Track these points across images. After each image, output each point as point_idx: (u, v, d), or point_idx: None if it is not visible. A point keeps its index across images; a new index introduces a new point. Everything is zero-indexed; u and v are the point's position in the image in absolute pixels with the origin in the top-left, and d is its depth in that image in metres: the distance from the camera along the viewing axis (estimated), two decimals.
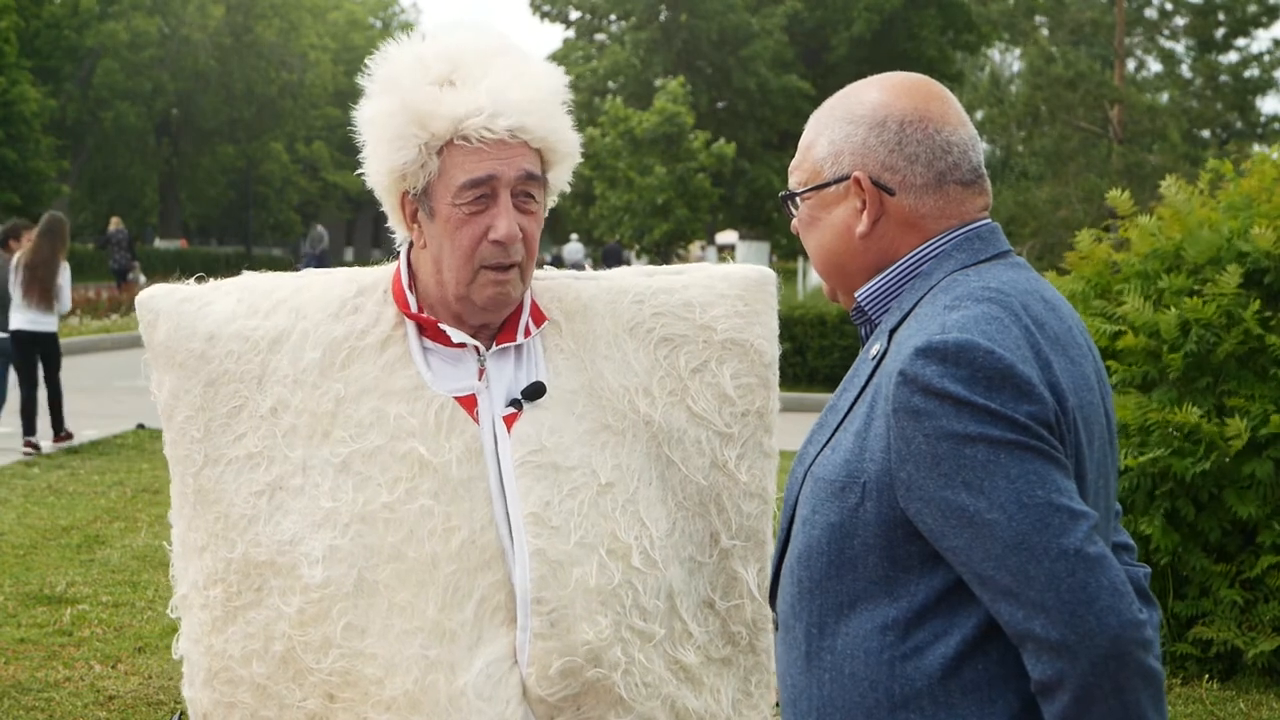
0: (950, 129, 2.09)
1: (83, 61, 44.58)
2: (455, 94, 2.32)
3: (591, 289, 2.52)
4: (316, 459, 2.36)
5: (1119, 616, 1.84)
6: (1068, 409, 1.94)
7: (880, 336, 2.06)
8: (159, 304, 2.47)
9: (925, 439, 1.90)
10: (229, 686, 2.39)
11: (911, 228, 2.08)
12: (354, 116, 2.43)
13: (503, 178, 2.32)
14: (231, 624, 2.39)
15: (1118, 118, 29.75)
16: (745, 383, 2.52)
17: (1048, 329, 1.99)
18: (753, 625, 2.53)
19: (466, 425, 2.36)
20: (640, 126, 25.92)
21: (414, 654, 2.30)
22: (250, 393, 2.40)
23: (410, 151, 2.32)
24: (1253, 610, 6.23)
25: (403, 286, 2.42)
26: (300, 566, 2.34)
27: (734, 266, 2.61)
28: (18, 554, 8.34)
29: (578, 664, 2.32)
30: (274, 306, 2.44)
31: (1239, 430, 5.99)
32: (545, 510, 2.34)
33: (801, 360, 19.15)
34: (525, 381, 2.41)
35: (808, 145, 2.15)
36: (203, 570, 2.41)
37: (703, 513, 2.49)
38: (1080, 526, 1.86)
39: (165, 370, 2.45)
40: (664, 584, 2.41)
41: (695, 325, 2.51)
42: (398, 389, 2.37)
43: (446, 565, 2.31)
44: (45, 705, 5.81)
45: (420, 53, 2.39)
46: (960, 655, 1.94)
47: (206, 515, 2.41)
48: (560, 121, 2.39)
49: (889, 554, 1.96)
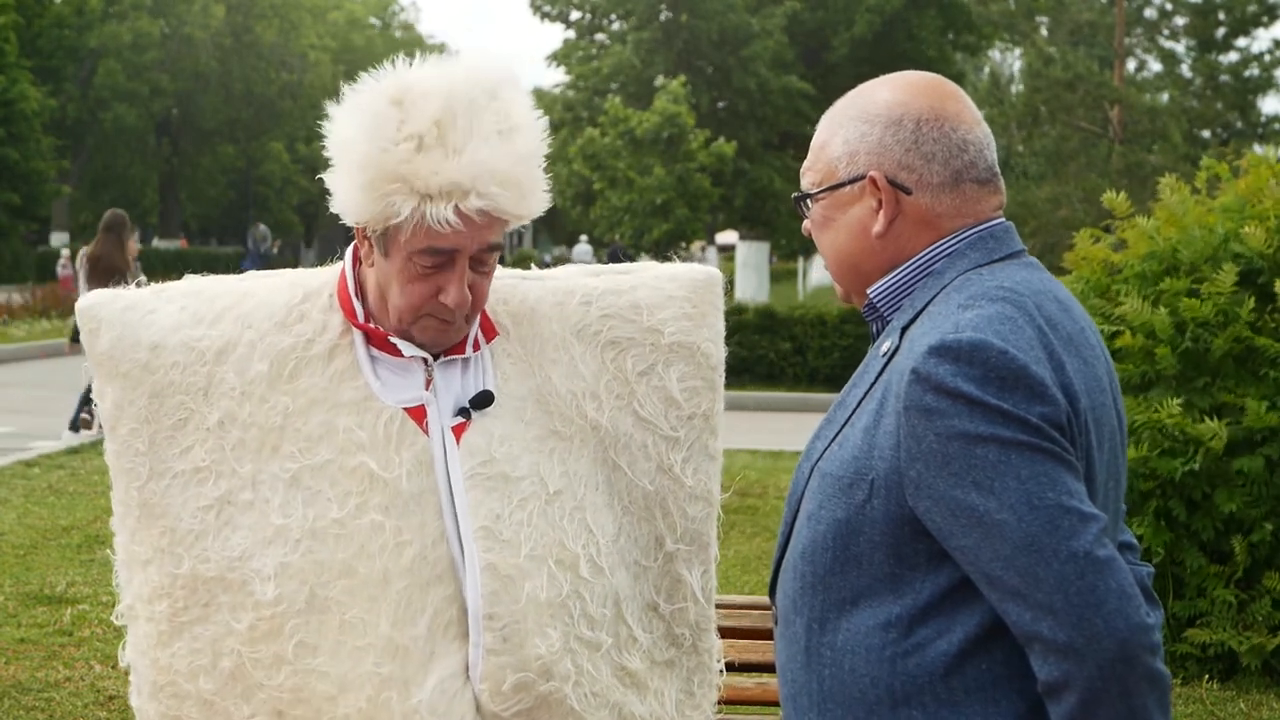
0: (966, 128, 2.08)
1: (84, 62, 44.57)
2: (431, 160, 2.22)
3: (538, 290, 2.48)
4: (266, 474, 2.32)
5: (1127, 620, 1.84)
6: (1080, 410, 1.94)
7: (892, 333, 2.06)
8: (101, 312, 2.40)
9: (936, 438, 1.89)
10: (175, 700, 2.36)
11: (927, 227, 2.07)
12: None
13: (464, 250, 2.27)
14: (178, 639, 2.35)
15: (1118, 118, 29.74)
16: (691, 386, 2.50)
17: (1061, 329, 1.99)
18: (696, 627, 2.52)
19: (416, 437, 2.33)
20: (641, 127, 25.91)
21: (367, 671, 2.28)
22: (196, 405, 2.35)
23: (378, 206, 2.24)
24: (1248, 610, 6.24)
25: (349, 294, 2.38)
26: (251, 583, 2.30)
27: (681, 266, 2.58)
28: (18, 554, 8.33)
29: (530, 678, 2.30)
30: (219, 315, 2.39)
31: (1216, 431, 6.01)
32: (496, 523, 2.32)
33: (801, 360, 19.15)
34: (473, 389, 2.38)
35: (821, 145, 2.14)
36: (147, 583, 2.37)
37: (648, 517, 2.47)
38: (1090, 529, 1.86)
39: (108, 380, 2.38)
40: (610, 591, 2.40)
41: (642, 328, 2.48)
42: (346, 400, 2.34)
43: (398, 581, 2.29)
44: (45, 705, 5.81)
45: (400, 96, 2.26)
46: (963, 653, 1.93)
47: (152, 529, 2.36)
48: (535, 195, 2.31)
49: (895, 551, 1.96)
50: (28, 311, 26.36)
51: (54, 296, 27.90)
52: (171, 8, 47.07)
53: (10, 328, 24.18)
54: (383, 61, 2.33)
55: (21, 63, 37.95)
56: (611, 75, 32.77)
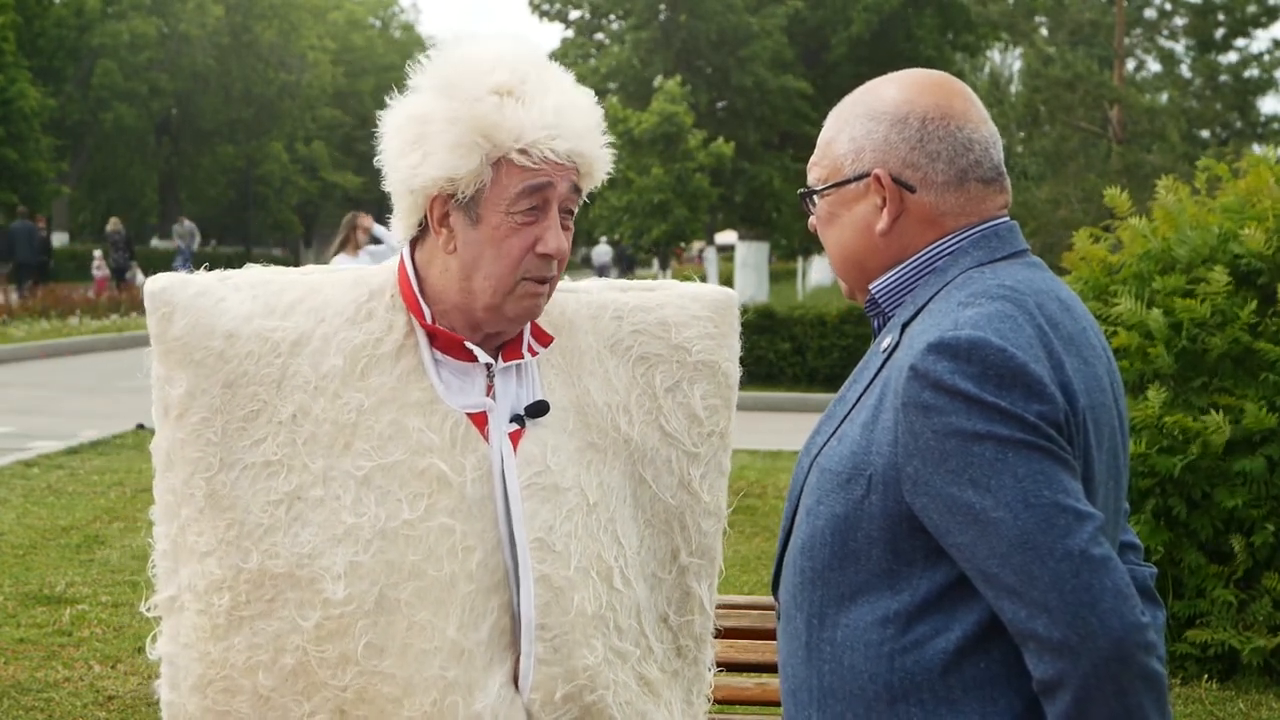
0: (972, 126, 2.09)
1: (83, 62, 44.57)
2: (520, 109, 2.29)
3: (573, 303, 2.52)
4: (337, 470, 2.31)
5: (1122, 619, 1.84)
6: (1078, 409, 1.94)
7: (892, 330, 2.06)
8: (174, 296, 2.35)
9: (934, 435, 1.90)
10: (225, 695, 2.34)
11: (932, 225, 2.08)
12: (357, 116, 2.38)
13: (558, 188, 2.32)
14: (236, 633, 2.33)
15: (1117, 118, 29.73)
16: (712, 404, 2.55)
17: (1061, 329, 1.99)
18: (699, 639, 2.57)
19: (478, 443, 2.34)
20: (639, 127, 25.90)
21: (433, 674, 2.28)
22: (269, 397, 2.33)
23: (473, 161, 2.28)
24: (1248, 610, 6.24)
25: (415, 294, 2.38)
26: (320, 581, 2.29)
27: (702, 287, 2.63)
28: (17, 554, 8.33)
29: (580, 688, 2.33)
30: (290, 306, 2.37)
31: (1218, 424, 6.00)
32: (549, 535, 2.33)
33: (801, 360, 19.15)
34: (526, 398, 2.39)
35: (828, 141, 2.14)
36: (204, 575, 2.34)
37: (666, 530, 2.51)
38: (1086, 528, 1.86)
39: (179, 367, 2.34)
40: (635, 603, 2.44)
41: (670, 345, 2.53)
42: (414, 401, 2.34)
43: (464, 585, 2.30)
44: (45, 705, 5.81)
45: (480, 57, 2.34)
46: (961, 650, 1.94)
47: (217, 521, 2.33)
48: (605, 151, 2.39)
49: (892, 547, 1.96)
50: (28, 311, 26.37)
51: (54, 297, 27.90)
52: (168, 7, 47.05)
53: (10, 327, 24.18)
54: (383, 62, 2.35)
55: (21, 62, 37.95)
56: (610, 75, 32.76)
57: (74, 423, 13.24)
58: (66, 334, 23.89)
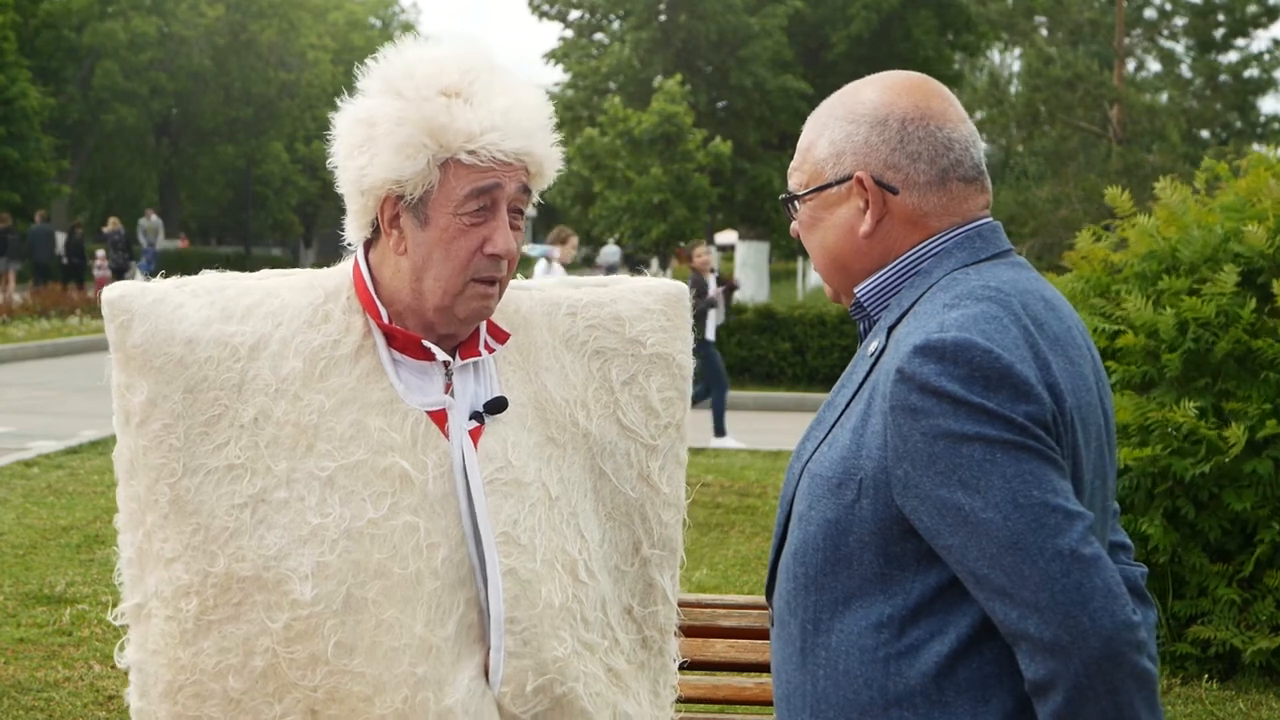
0: (951, 126, 2.09)
1: (82, 62, 44.57)
2: (468, 109, 2.31)
3: (528, 301, 2.54)
4: (300, 472, 2.33)
5: (1112, 617, 1.85)
6: (1065, 409, 1.94)
7: (879, 333, 2.07)
8: (132, 304, 2.37)
9: (922, 437, 1.90)
10: (195, 700, 2.34)
11: (915, 226, 2.08)
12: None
13: (505, 189, 2.33)
14: (205, 637, 2.33)
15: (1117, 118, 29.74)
16: (668, 396, 2.58)
17: (1047, 329, 1.99)
18: (663, 630, 2.58)
19: (439, 441, 2.36)
20: (639, 127, 25.90)
21: (403, 672, 2.30)
22: (230, 401, 2.34)
23: (419, 162, 2.30)
24: (1250, 609, 6.24)
25: (370, 295, 2.40)
26: (288, 582, 2.30)
27: (653, 281, 2.65)
28: (18, 554, 8.33)
29: (550, 680, 2.35)
30: (248, 311, 2.39)
31: (1238, 437, 6.00)
32: (514, 529, 2.35)
33: (801, 360, 19.16)
34: (484, 395, 2.41)
35: (807, 146, 2.15)
36: (171, 581, 2.34)
37: (627, 523, 2.53)
38: (1075, 527, 1.86)
39: (140, 374, 2.36)
40: (600, 595, 2.46)
41: (625, 339, 2.55)
42: (374, 401, 2.36)
43: (430, 582, 2.31)
44: (45, 705, 5.81)
45: (428, 59, 2.36)
46: (955, 654, 1.94)
47: (182, 526, 2.34)
48: (555, 150, 2.41)
49: (884, 551, 1.96)
50: (28, 311, 26.37)
51: (54, 296, 27.90)
52: (167, 6, 47.03)
53: (10, 327, 24.19)
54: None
55: (21, 62, 37.94)
56: (610, 75, 32.77)
57: (74, 423, 13.24)
58: (66, 334, 23.89)
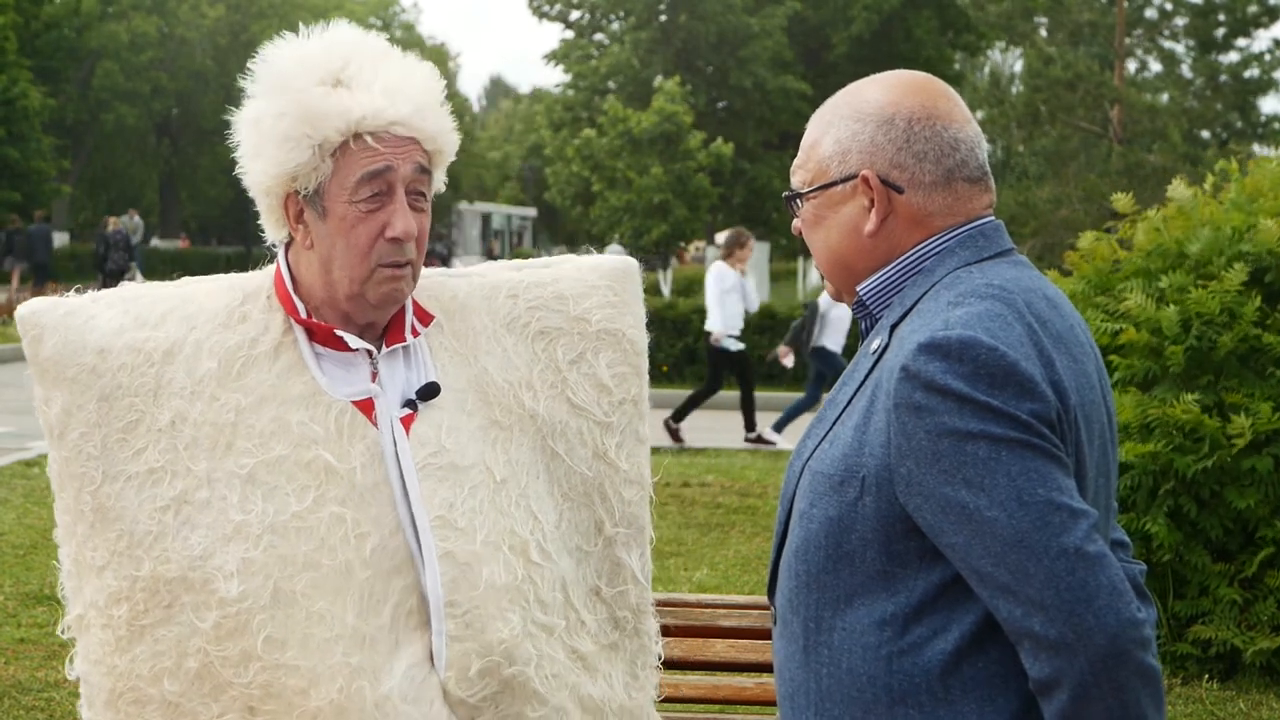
0: (957, 126, 2.09)
1: (83, 63, 44.58)
2: (349, 94, 2.31)
3: (465, 286, 2.54)
4: (221, 471, 2.33)
5: (1117, 615, 1.84)
6: (1069, 407, 1.94)
7: (881, 331, 2.07)
8: (43, 318, 2.40)
9: (926, 435, 1.90)
10: (135, 707, 2.35)
11: (919, 225, 2.08)
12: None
13: (399, 171, 2.33)
14: (138, 643, 2.34)
15: (1118, 118, 29.75)
16: (620, 371, 2.56)
17: (1050, 327, 1.99)
18: (636, 610, 2.57)
19: (366, 430, 2.36)
20: (639, 127, 25.91)
21: (337, 663, 2.29)
22: (146, 406, 2.35)
23: (303, 153, 2.31)
24: (1251, 609, 6.23)
25: (288, 291, 2.41)
26: (214, 581, 2.30)
27: (600, 257, 2.64)
28: (18, 554, 8.33)
29: (495, 663, 2.34)
30: (162, 317, 2.40)
31: (1242, 429, 5.99)
32: (450, 512, 2.35)
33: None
34: (417, 382, 2.41)
35: (812, 144, 2.14)
36: (103, 590, 2.36)
37: (587, 502, 2.52)
38: (1080, 525, 1.86)
39: (54, 386, 2.39)
40: (558, 576, 2.45)
41: (569, 317, 2.54)
42: (295, 396, 2.36)
43: (360, 571, 2.31)
44: (45, 705, 5.81)
45: (305, 52, 2.37)
46: (959, 652, 1.94)
47: (107, 533, 2.35)
48: (447, 123, 2.40)
49: (887, 549, 1.96)
50: None
51: None
52: (166, 6, 47.02)
53: (10, 327, 24.19)
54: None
55: (22, 62, 37.94)
56: (610, 75, 32.77)
57: None
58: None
